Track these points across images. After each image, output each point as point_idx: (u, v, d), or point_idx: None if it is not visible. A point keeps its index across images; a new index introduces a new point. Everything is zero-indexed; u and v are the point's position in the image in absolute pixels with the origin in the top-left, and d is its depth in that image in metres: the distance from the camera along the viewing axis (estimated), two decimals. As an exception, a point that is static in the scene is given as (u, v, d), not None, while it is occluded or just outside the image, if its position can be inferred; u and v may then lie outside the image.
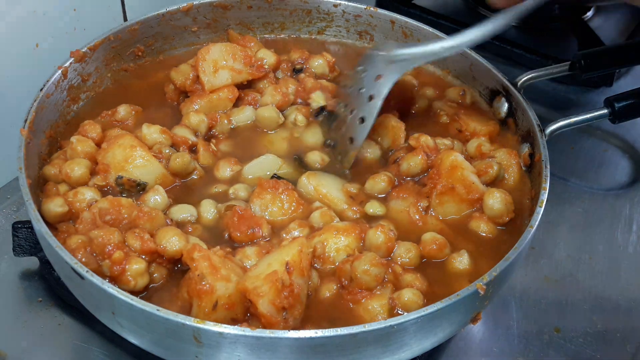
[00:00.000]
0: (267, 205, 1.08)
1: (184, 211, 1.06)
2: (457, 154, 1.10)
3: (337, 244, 1.02)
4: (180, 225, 1.05)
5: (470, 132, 1.22)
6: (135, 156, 1.08)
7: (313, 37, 1.43)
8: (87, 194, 1.04)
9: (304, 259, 0.95)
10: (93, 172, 1.09)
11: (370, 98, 1.15)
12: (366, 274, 0.96)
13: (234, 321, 0.92)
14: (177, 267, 1.00)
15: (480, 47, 1.19)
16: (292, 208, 1.08)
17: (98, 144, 1.13)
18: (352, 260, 0.98)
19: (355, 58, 1.26)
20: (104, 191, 1.07)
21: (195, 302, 0.92)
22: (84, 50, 1.22)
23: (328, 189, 1.11)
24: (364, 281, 0.97)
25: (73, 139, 1.12)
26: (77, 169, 1.07)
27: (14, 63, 1.27)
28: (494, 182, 1.13)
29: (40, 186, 1.08)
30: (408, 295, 0.96)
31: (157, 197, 1.06)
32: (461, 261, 1.03)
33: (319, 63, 1.33)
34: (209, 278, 0.91)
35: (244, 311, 0.93)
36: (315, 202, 1.10)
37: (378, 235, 1.02)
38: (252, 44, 1.32)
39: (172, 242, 0.97)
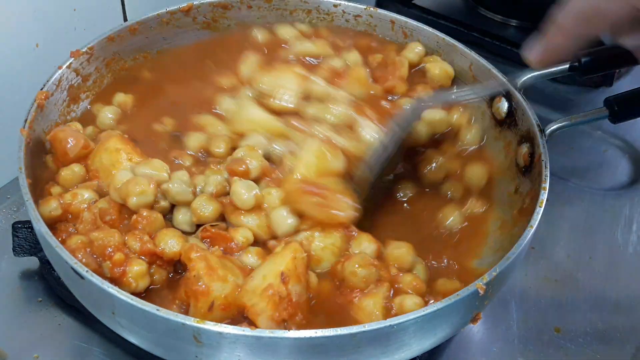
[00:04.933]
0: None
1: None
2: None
3: (322, 242, 1.01)
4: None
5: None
6: (121, 160, 1.07)
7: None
8: (86, 194, 1.04)
9: (299, 265, 0.94)
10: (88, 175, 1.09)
11: None
12: (354, 275, 0.96)
13: (231, 322, 0.91)
14: (176, 265, 1.00)
15: (480, 47, 1.20)
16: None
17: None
18: (343, 261, 0.99)
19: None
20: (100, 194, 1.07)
21: (192, 302, 0.92)
22: (84, 50, 1.22)
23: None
24: (352, 282, 0.97)
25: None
26: (69, 171, 1.07)
27: (14, 63, 1.27)
28: None
29: (41, 186, 1.08)
30: (409, 303, 0.95)
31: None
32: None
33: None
34: (205, 279, 0.91)
35: (243, 313, 0.93)
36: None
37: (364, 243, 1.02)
38: None
39: (170, 244, 0.97)
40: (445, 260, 1.06)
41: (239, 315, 0.93)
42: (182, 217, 1.03)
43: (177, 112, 1.23)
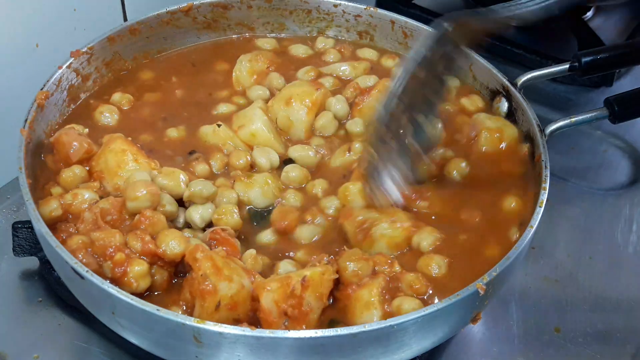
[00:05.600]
0: None
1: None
2: None
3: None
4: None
5: None
6: (127, 161, 1.07)
7: (313, 37, 1.43)
8: (86, 194, 1.03)
9: (323, 283, 0.94)
10: (89, 177, 1.08)
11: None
12: (345, 270, 0.97)
13: (236, 322, 0.91)
14: (178, 268, 1.00)
15: (480, 47, 1.20)
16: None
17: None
18: (337, 259, 0.99)
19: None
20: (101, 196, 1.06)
21: (198, 302, 0.92)
22: (84, 50, 1.22)
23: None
24: (344, 278, 0.97)
25: None
26: (70, 173, 1.07)
27: (14, 63, 1.27)
28: None
29: (41, 186, 1.08)
30: (407, 307, 0.94)
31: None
32: None
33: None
34: (212, 278, 0.91)
35: (247, 312, 0.93)
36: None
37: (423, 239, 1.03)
38: None
39: (171, 245, 0.96)
40: None
41: (246, 316, 0.93)
42: (200, 211, 1.03)
43: (177, 112, 1.23)
